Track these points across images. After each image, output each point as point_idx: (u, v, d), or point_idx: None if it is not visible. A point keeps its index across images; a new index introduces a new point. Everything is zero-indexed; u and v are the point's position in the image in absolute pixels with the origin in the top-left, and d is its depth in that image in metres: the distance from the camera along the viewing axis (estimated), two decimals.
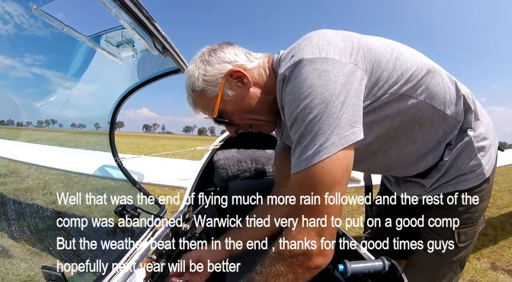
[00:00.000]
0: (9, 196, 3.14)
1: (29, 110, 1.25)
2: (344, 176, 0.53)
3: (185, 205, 1.17)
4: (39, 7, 0.77)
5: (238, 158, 1.18)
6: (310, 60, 0.55)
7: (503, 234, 2.94)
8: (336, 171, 0.52)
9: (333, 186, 0.52)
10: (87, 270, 0.77)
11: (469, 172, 0.73)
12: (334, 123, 0.52)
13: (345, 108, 0.53)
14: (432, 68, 0.67)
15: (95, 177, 1.89)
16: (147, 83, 1.25)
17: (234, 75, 0.69)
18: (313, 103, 0.52)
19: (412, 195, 0.85)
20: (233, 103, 0.71)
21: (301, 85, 0.54)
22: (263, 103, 0.71)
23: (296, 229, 0.54)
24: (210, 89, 0.70)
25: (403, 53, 0.66)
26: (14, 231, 2.13)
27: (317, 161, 0.51)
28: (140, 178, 2.03)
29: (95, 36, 0.94)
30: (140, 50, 1.03)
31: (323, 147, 0.51)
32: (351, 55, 0.58)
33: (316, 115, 0.52)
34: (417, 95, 0.65)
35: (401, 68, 0.63)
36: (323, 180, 0.52)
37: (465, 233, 0.79)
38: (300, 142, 0.54)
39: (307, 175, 0.53)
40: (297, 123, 0.55)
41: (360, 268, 0.57)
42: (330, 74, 0.54)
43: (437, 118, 0.69)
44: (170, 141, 38.62)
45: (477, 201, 0.76)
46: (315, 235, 0.53)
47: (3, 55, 1.14)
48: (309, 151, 0.52)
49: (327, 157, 0.51)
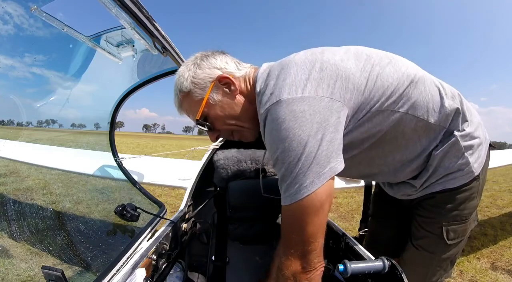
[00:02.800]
0: (9, 196, 3.14)
1: (29, 110, 1.25)
2: (324, 206, 0.57)
3: (185, 205, 1.17)
4: (39, 7, 0.77)
5: (238, 158, 1.18)
6: (287, 101, 0.57)
7: (503, 234, 2.94)
8: (316, 205, 0.56)
9: (313, 217, 0.56)
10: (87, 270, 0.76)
11: (457, 171, 0.73)
12: (312, 162, 0.54)
13: (323, 146, 0.55)
14: (414, 78, 0.67)
15: (95, 177, 1.89)
16: (147, 83, 1.25)
17: (223, 81, 0.71)
18: (291, 146, 0.55)
19: (403, 195, 0.85)
20: (218, 108, 0.72)
21: (279, 128, 0.56)
22: (247, 111, 0.73)
23: (284, 256, 0.60)
24: (197, 91, 0.72)
25: (385, 68, 0.65)
26: (14, 231, 2.13)
27: (299, 199, 0.55)
28: (140, 178, 2.03)
29: (95, 36, 0.94)
30: (140, 50, 1.03)
31: (303, 186, 0.55)
32: (328, 87, 0.59)
33: (294, 158, 0.55)
34: (399, 108, 0.65)
35: (382, 87, 0.63)
36: (303, 214, 0.56)
37: (454, 230, 0.79)
38: (283, 180, 0.58)
39: (291, 210, 0.58)
40: (278, 164, 0.58)
41: (360, 268, 0.57)
42: (306, 114, 0.55)
43: (420, 128, 0.69)
44: (170, 140, 38.63)
45: (465, 198, 0.76)
46: (299, 257, 0.58)
47: (3, 55, 1.14)
48: (292, 189, 0.56)
49: (307, 195, 0.55)
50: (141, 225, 0.98)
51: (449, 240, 0.79)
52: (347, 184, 2.08)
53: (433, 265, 0.83)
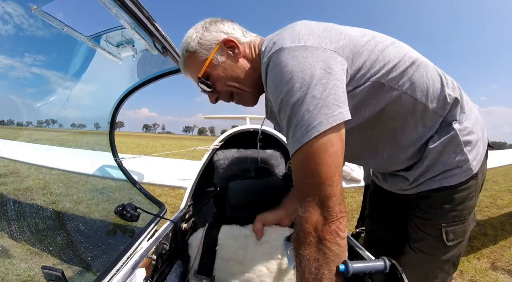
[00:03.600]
0: (9, 196, 3.14)
1: (29, 110, 1.25)
2: (337, 148, 0.54)
3: (185, 205, 1.17)
4: (39, 7, 0.77)
5: (238, 157, 1.18)
6: (289, 48, 0.57)
7: (503, 234, 2.94)
8: (327, 145, 0.53)
9: (326, 157, 0.53)
10: (87, 270, 0.76)
11: (455, 167, 0.72)
12: (319, 103, 0.53)
13: (330, 89, 0.54)
14: (416, 61, 0.68)
15: (95, 177, 1.89)
16: (147, 83, 1.25)
17: (228, 44, 0.74)
18: (294, 87, 0.54)
19: (398, 189, 0.84)
20: (220, 69, 0.74)
21: (282, 72, 0.56)
22: (249, 76, 0.75)
23: (302, 209, 0.55)
24: (202, 52, 0.74)
25: (388, 46, 0.67)
26: (14, 231, 2.13)
27: (307, 141, 0.53)
28: (140, 178, 2.03)
29: (95, 36, 0.94)
30: (140, 50, 1.03)
31: (311, 127, 0.52)
32: (331, 43, 0.60)
33: (299, 99, 0.54)
34: (399, 86, 0.66)
35: (384, 60, 0.65)
36: (314, 155, 0.53)
37: (454, 231, 0.77)
38: (290, 125, 0.56)
39: (301, 155, 0.55)
40: (283, 108, 0.57)
41: (362, 268, 0.57)
42: (309, 60, 0.55)
43: (419, 111, 0.69)
44: (170, 140, 38.62)
45: (464, 198, 0.74)
46: (318, 206, 0.54)
47: (3, 55, 1.14)
48: (299, 132, 0.54)
49: (317, 136, 0.52)
50: (141, 225, 0.98)
51: (448, 241, 0.77)
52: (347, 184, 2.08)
53: (433, 268, 0.80)
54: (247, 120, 5.01)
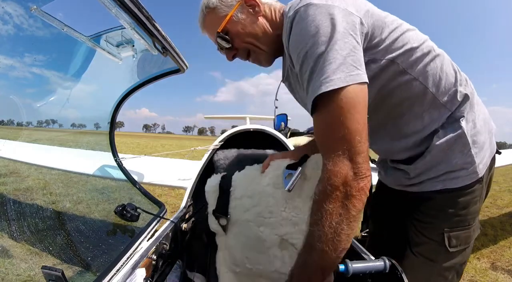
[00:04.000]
0: (9, 196, 3.14)
1: (29, 110, 1.25)
2: (361, 103, 0.54)
3: (185, 205, 1.17)
4: (39, 7, 0.77)
5: (239, 157, 1.18)
6: (317, 4, 0.59)
7: (503, 234, 2.94)
8: (352, 99, 0.53)
9: (352, 112, 0.53)
10: (87, 270, 0.76)
11: (460, 169, 0.70)
12: (340, 60, 0.54)
13: (351, 50, 0.56)
14: (434, 51, 0.68)
15: (95, 177, 1.89)
16: (147, 83, 1.25)
17: (248, 2, 0.76)
18: (320, 40, 0.55)
19: (399, 185, 0.82)
20: (239, 26, 0.76)
21: (309, 25, 0.57)
22: (267, 34, 0.77)
23: (329, 163, 0.55)
24: (222, 8, 0.76)
25: (410, 30, 0.68)
26: (14, 231, 2.13)
27: (331, 88, 0.53)
28: (140, 178, 2.03)
29: (95, 36, 0.94)
30: (140, 50, 1.03)
31: (330, 78, 0.53)
32: (356, 10, 0.61)
33: (324, 51, 0.55)
34: (413, 71, 0.66)
35: (403, 41, 0.66)
36: (340, 108, 0.53)
37: (457, 237, 0.73)
38: (313, 72, 0.56)
39: (326, 105, 0.55)
40: (307, 60, 0.57)
41: (361, 268, 0.57)
42: (336, 17, 0.57)
43: (427, 101, 0.69)
44: (170, 140, 38.61)
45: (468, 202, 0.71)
46: (348, 161, 0.53)
47: (3, 55, 1.14)
48: (322, 77, 0.54)
49: (340, 87, 0.53)
50: (141, 225, 0.98)
51: (451, 247, 0.74)
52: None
53: (434, 274, 0.76)
54: (247, 120, 5.01)
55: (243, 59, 0.84)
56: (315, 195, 0.59)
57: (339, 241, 0.55)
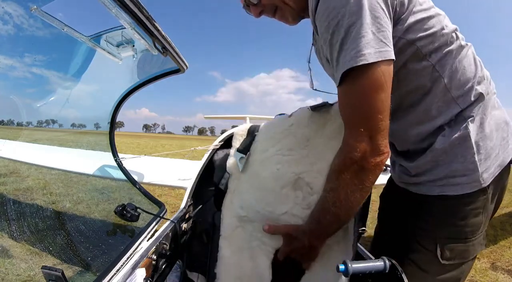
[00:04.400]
0: (9, 196, 3.14)
1: (29, 110, 1.25)
2: (387, 83, 0.55)
3: (185, 205, 1.17)
4: (39, 7, 0.77)
5: None
6: None
7: (503, 234, 2.94)
8: (379, 77, 0.54)
9: (378, 91, 0.54)
10: (87, 270, 0.76)
11: (461, 175, 0.65)
12: (371, 35, 0.54)
13: (382, 26, 0.55)
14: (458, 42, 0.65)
15: (95, 177, 1.89)
16: (147, 83, 1.25)
17: None
18: (352, 10, 0.54)
19: (402, 182, 0.81)
20: None
21: None
22: None
23: (350, 136, 0.59)
24: None
25: (439, 15, 0.65)
26: (14, 231, 2.13)
27: (360, 63, 0.53)
28: (140, 178, 2.03)
29: (95, 36, 0.94)
30: (140, 50, 1.03)
31: (361, 53, 0.53)
32: None
33: (354, 23, 0.54)
34: (431, 58, 0.64)
35: (429, 24, 0.63)
36: (366, 86, 0.55)
37: (451, 249, 0.69)
38: (343, 43, 0.56)
39: (352, 81, 0.56)
40: (338, 30, 0.56)
41: (361, 268, 0.57)
42: None
43: (439, 92, 0.66)
44: (170, 140, 38.62)
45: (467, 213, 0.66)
46: (368, 137, 0.56)
47: (3, 55, 1.14)
48: (352, 52, 0.54)
49: (369, 63, 0.53)
50: (141, 225, 0.98)
51: (443, 259, 0.69)
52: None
53: None
54: (247, 120, 5.01)
55: (269, 16, 0.82)
56: (333, 164, 0.64)
57: (351, 207, 0.62)
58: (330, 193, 0.64)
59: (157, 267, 0.79)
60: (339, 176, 0.61)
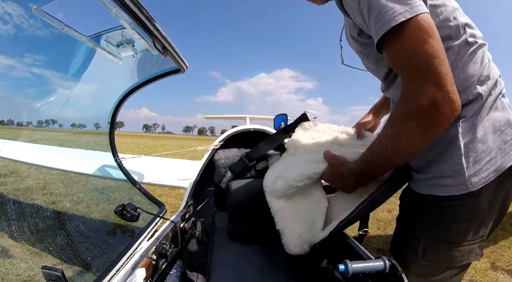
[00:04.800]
0: (9, 196, 3.14)
1: (29, 110, 1.25)
2: (429, 31, 0.54)
3: (185, 205, 1.17)
4: (39, 7, 0.77)
5: (240, 157, 1.18)
6: None
7: (503, 234, 2.94)
8: (424, 26, 0.54)
9: (427, 38, 0.54)
10: (87, 270, 0.76)
11: (447, 176, 0.64)
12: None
13: None
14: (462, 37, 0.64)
15: (95, 177, 1.89)
16: (147, 83, 1.25)
17: None
18: None
19: None
20: None
21: None
22: None
23: (413, 86, 0.56)
24: None
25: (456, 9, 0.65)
26: (14, 231, 2.13)
27: (395, 24, 0.54)
28: (140, 178, 2.03)
29: (95, 36, 0.94)
30: (140, 50, 1.03)
31: (398, 12, 0.54)
32: None
33: None
34: None
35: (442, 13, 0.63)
36: (409, 37, 0.55)
37: (433, 251, 0.68)
38: (380, 11, 0.56)
39: (393, 40, 0.57)
40: None
41: (361, 268, 0.57)
42: None
43: None
44: (170, 140, 38.64)
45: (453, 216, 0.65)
46: (432, 83, 0.53)
47: (3, 55, 1.14)
48: (386, 17, 0.55)
49: (404, 21, 0.54)
50: (141, 225, 0.98)
51: (424, 260, 0.69)
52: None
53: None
54: (247, 120, 5.01)
55: None
56: (397, 111, 0.59)
57: (410, 155, 0.61)
58: (391, 139, 0.60)
59: (157, 267, 0.79)
60: (404, 122, 0.57)
